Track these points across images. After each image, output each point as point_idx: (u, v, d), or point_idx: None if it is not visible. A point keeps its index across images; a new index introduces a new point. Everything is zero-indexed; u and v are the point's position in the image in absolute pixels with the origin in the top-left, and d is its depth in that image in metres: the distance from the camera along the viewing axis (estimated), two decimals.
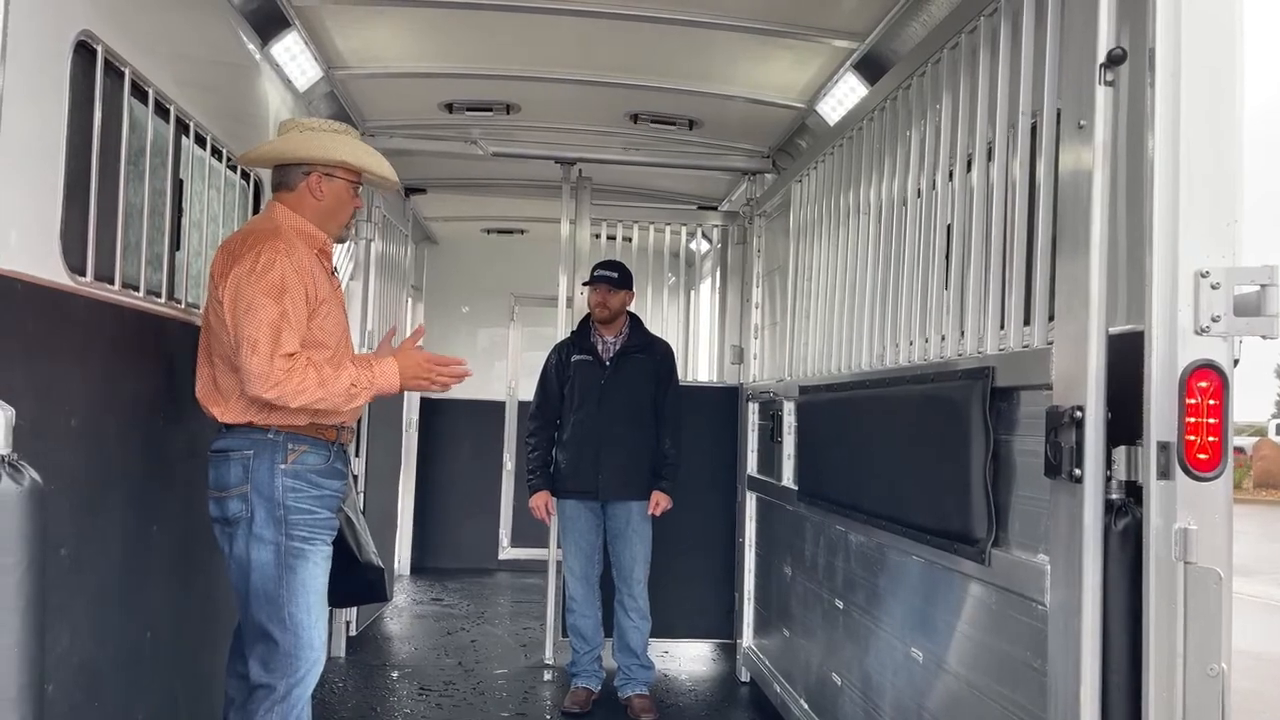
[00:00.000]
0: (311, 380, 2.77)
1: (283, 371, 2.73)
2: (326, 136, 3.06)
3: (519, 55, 4.54)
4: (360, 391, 2.87)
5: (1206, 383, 1.94)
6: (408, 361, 2.98)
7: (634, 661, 4.86)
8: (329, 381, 2.80)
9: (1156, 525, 1.95)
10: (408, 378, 2.98)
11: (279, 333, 2.76)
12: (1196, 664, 1.90)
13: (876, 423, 3.37)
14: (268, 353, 2.73)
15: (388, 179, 3.18)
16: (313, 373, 2.78)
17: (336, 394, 2.82)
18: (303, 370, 2.76)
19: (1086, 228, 2.10)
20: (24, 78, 2.23)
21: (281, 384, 2.74)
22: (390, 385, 2.95)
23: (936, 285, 3.07)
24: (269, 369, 2.72)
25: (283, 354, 2.75)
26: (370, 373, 2.90)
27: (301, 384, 2.75)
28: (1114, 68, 2.08)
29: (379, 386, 2.92)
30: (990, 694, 2.58)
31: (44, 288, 2.36)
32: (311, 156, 3.01)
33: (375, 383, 2.91)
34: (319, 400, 2.80)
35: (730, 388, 5.78)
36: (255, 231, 2.95)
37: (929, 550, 2.90)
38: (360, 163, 3.08)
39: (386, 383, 2.93)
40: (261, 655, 2.85)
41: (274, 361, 2.73)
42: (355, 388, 2.86)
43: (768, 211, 5.57)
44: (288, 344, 2.77)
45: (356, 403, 2.89)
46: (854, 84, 4.29)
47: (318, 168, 3.02)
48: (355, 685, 5.12)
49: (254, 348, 2.73)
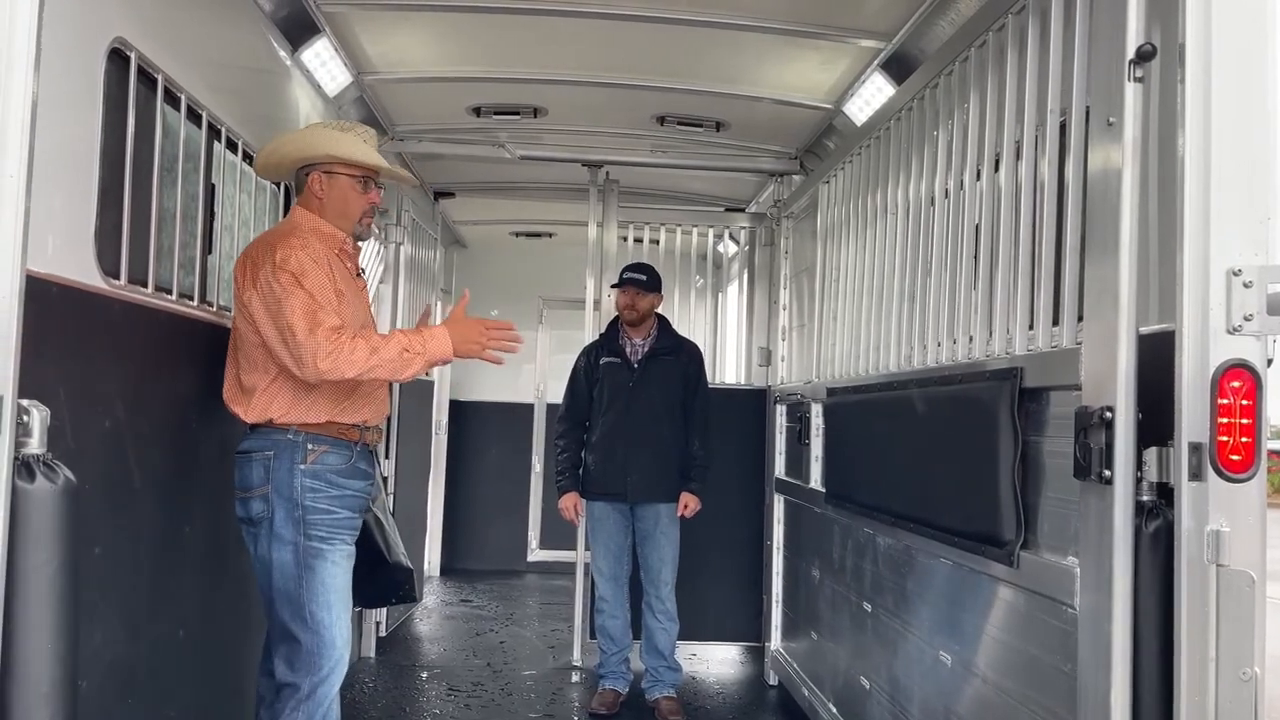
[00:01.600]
0: (362, 349, 2.74)
1: (330, 343, 2.72)
2: (309, 133, 3.06)
3: (545, 58, 4.56)
4: (414, 358, 2.81)
5: (1239, 383, 1.91)
6: (459, 328, 2.91)
7: (662, 664, 4.85)
8: (380, 348, 2.76)
9: (1188, 527, 1.92)
10: (459, 343, 2.90)
11: (314, 312, 2.76)
12: (1229, 668, 1.87)
13: (904, 424, 3.35)
14: (307, 329, 2.73)
15: (371, 163, 3.05)
16: (362, 341, 2.76)
17: (389, 359, 2.77)
18: (351, 340, 2.75)
19: (1116, 226, 2.08)
20: (58, 85, 2.27)
21: (333, 354, 2.72)
22: (443, 351, 2.86)
23: (965, 286, 3.05)
24: (314, 343, 2.72)
25: (325, 328, 2.74)
26: (421, 338, 2.85)
27: (353, 353, 2.73)
28: (1143, 64, 2.05)
29: (431, 352, 2.84)
30: (1019, 698, 2.55)
31: (79, 290, 2.40)
32: (299, 154, 3.04)
33: (428, 348, 2.84)
34: (373, 367, 2.75)
35: (758, 390, 5.76)
36: (273, 234, 3.00)
37: (957, 553, 2.88)
38: (341, 153, 3.00)
39: (438, 348, 2.85)
40: (286, 654, 2.88)
41: (317, 335, 2.73)
42: (408, 353, 2.80)
43: (795, 213, 5.55)
44: (326, 320, 2.76)
45: (411, 369, 2.82)
46: (881, 84, 4.27)
47: (315, 166, 3.04)
48: (385, 685, 5.15)
49: (293, 332, 2.75)
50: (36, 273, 2.12)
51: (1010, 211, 2.78)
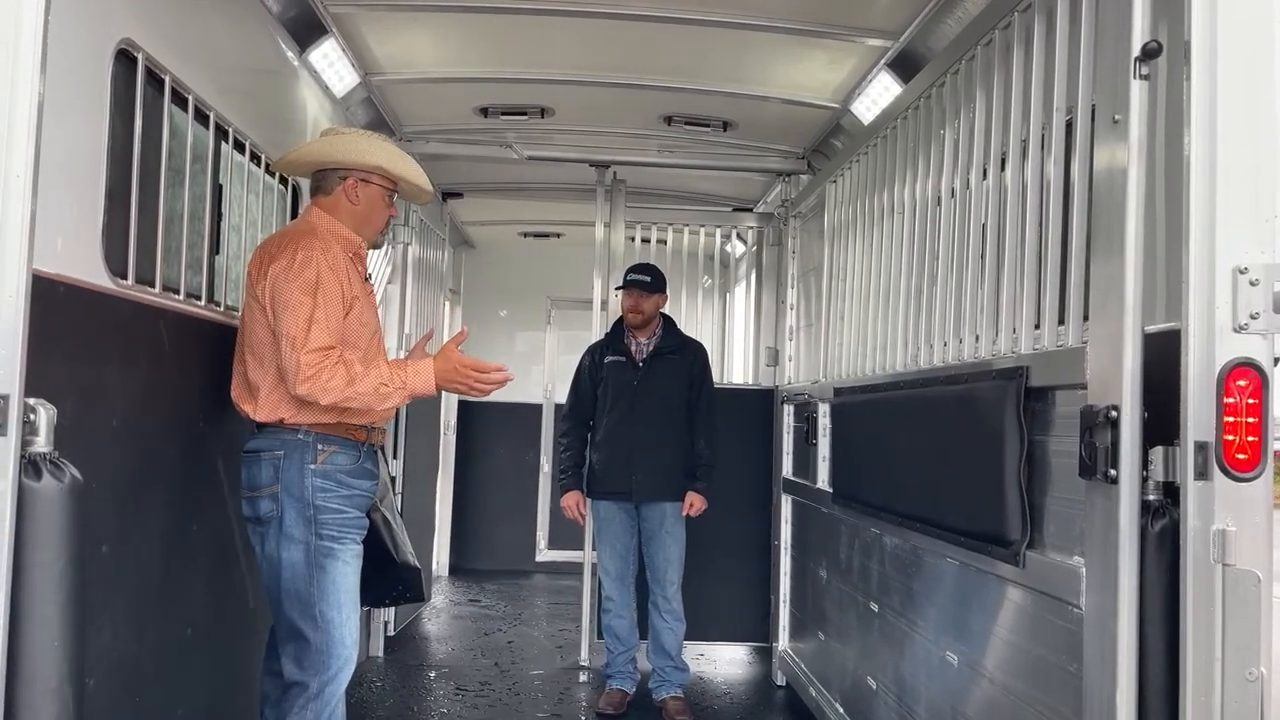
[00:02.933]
0: (340, 378, 2.77)
1: (311, 367, 2.75)
2: (364, 141, 3.10)
3: (553, 59, 4.56)
4: (392, 392, 2.84)
5: (1245, 381, 1.90)
6: (445, 365, 2.92)
7: (669, 664, 4.85)
8: (358, 380, 2.79)
9: (1194, 526, 1.91)
10: (444, 381, 2.92)
11: (313, 326, 2.79)
12: (1235, 668, 1.86)
13: (911, 424, 3.34)
14: (303, 343, 2.76)
15: (423, 188, 3.20)
16: (341, 370, 2.78)
17: (365, 393, 2.80)
18: (332, 367, 2.77)
19: (1122, 224, 2.07)
20: (66, 85, 2.28)
21: (310, 380, 2.75)
22: (425, 387, 2.89)
23: (971, 285, 3.04)
24: (300, 361, 2.75)
25: (313, 349, 2.76)
26: (404, 373, 2.87)
27: (329, 381, 2.76)
28: (1149, 61, 2.04)
29: (412, 388, 2.88)
30: (1025, 698, 2.54)
31: (86, 290, 2.41)
32: (348, 161, 3.05)
33: (409, 384, 2.87)
34: (347, 399, 2.79)
35: (765, 390, 5.76)
36: (292, 232, 3.00)
37: (963, 552, 2.87)
38: (396, 169, 3.10)
39: (421, 384, 2.88)
40: (294, 653, 2.89)
41: (308, 354, 2.75)
42: (386, 388, 2.83)
43: (803, 213, 5.54)
44: (317, 339, 2.78)
45: (388, 404, 2.86)
46: (888, 83, 4.26)
47: (354, 173, 3.06)
48: (393, 684, 5.16)
49: (291, 344, 2.78)
50: (44, 272, 2.14)
51: (1016, 210, 2.77)
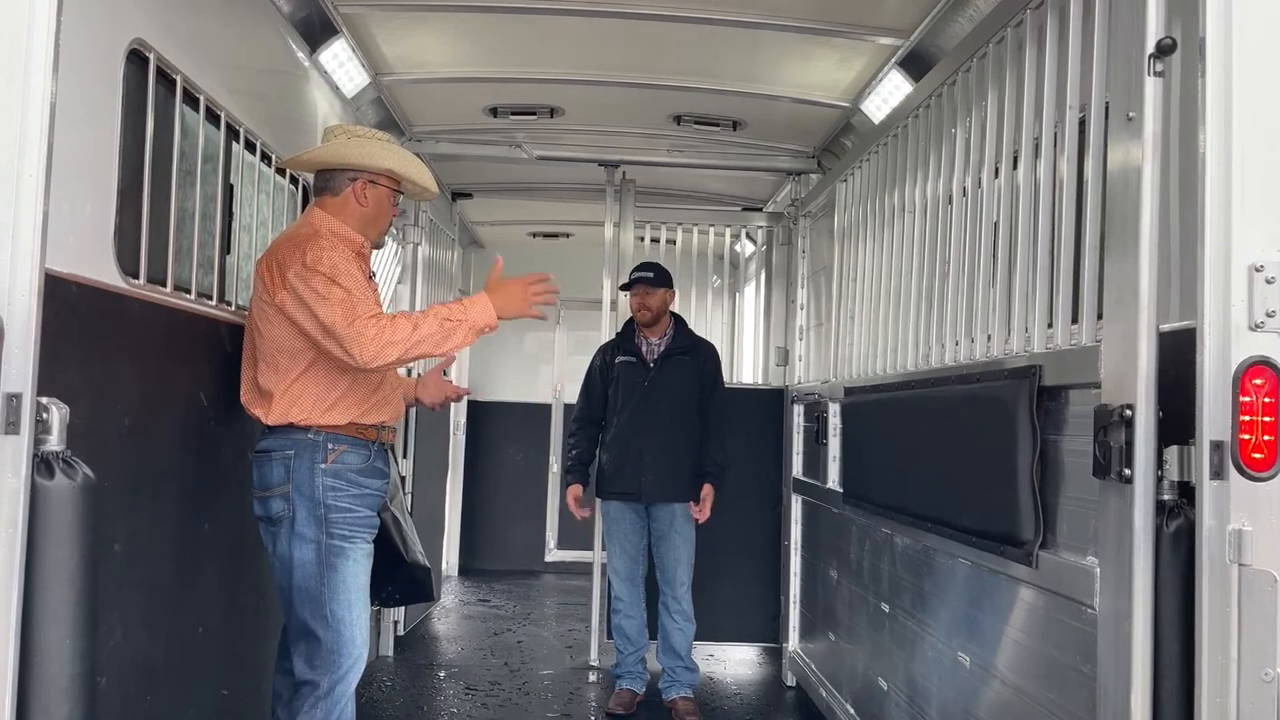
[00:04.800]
0: (403, 326, 2.77)
1: (373, 328, 2.75)
2: (374, 144, 3.11)
3: (562, 58, 4.56)
4: (456, 325, 2.83)
5: (1261, 380, 1.89)
6: (499, 291, 2.92)
7: (678, 664, 4.84)
8: (421, 323, 2.80)
9: (1209, 526, 1.89)
10: (502, 305, 2.91)
11: (352, 305, 2.79)
12: (1251, 669, 1.84)
13: (922, 423, 3.33)
14: (347, 322, 2.76)
15: (428, 189, 3.21)
16: (403, 319, 2.80)
17: (431, 333, 2.80)
18: (391, 321, 2.78)
19: (1136, 222, 2.05)
20: (78, 86, 2.28)
21: (375, 338, 2.74)
22: (486, 316, 2.88)
23: (983, 284, 3.03)
24: (356, 333, 2.75)
25: (364, 318, 2.77)
26: (461, 306, 2.87)
27: (394, 334, 2.76)
28: (1164, 58, 2.03)
29: (474, 319, 2.86)
30: (1038, 699, 2.53)
31: (98, 289, 2.42)
32: (359, 163, 3.06)
33: (470, 314, 2.86)
34: (417, 342, 2.78)
35: (775, 390, 5.74)
36: (295, 236, 2.99)
37: (975, 553, 2.86)
38: (405, 171, 3.11)
39: (481, 314, 2.87)
40: (305, 652, 2.90)
41: (357, 325, 2.75)
42: (450, 322, 2.83)
43: (813, 212, 5.53)
44: (363, 310, 2.79)
45: (455, 337, 2.84)
46: (899, 81, 4.25)
47: (363, 174, 3.07)
48: (402, 684, 5.17)
49: (333, 328, 2.77)
50: (56, 272, 2.14)
51: (1029, 209, 2.76)
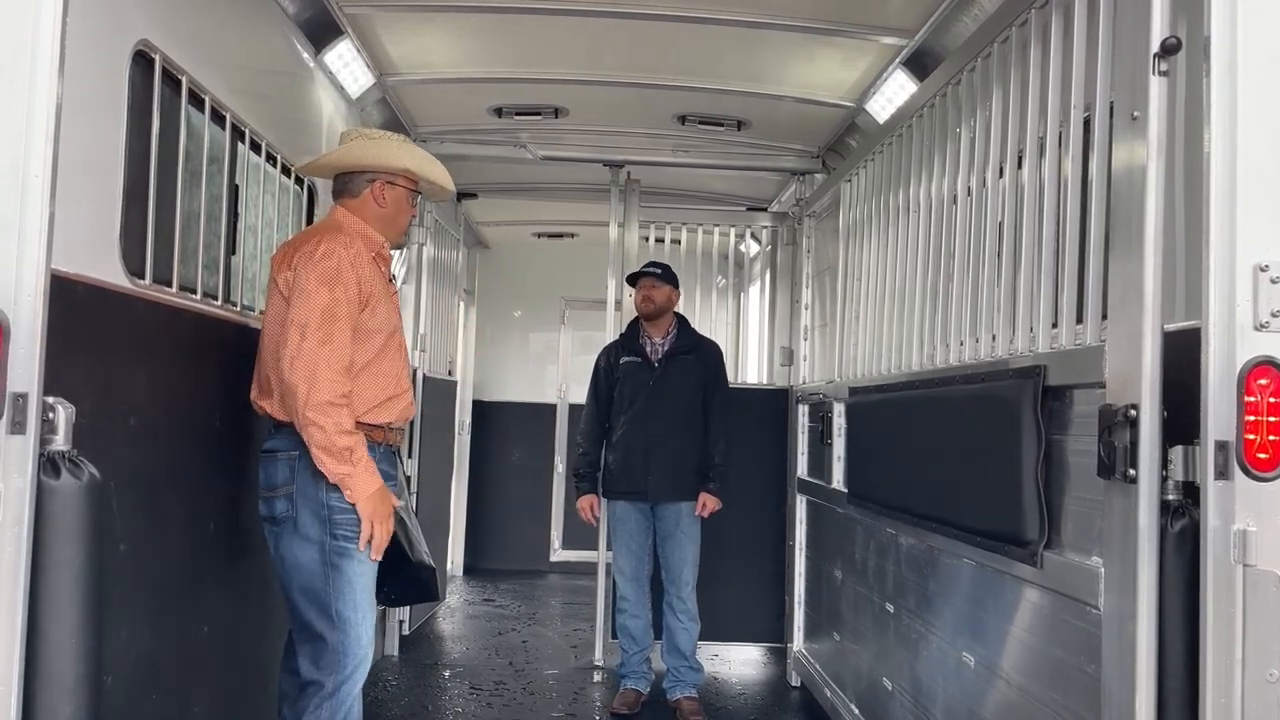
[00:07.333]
0: (339, 408, 2.77)
1: (326, 367, 2.76)
2: (390, 144, 3.14)
3: (567, 58, 4.56)
4: (347, 458, 2.78)
5: (1266, 380, 1.88)
6: (383, 498, 2.88)
7: (683, 664, 4.84)
8: (344, 425, 2.77)
9: (1214, 527, 1.89)
10: (372, 502, 2.85)
11: (332, 321, 2.80)
12: (1255, 669, 1.84)
13: (927, 423, 3.33)
14: (315, 339, 2.77)
15: (446, 188, 3.26)
16: (344, 403, 2.78)
17: (338, 437, 2.77)
18: (333, 382, 2.77)
19: (1140, 222, 2.05)
20: (84, 86, 2.29)
21: (315, 374, 2.74)
22: (365, 487, 2.83)
23: (988, 284, 3.02)
24: (305, 352, 2.75)
25: (332, 353, 2.78)
26: (365, 465, 2.82)
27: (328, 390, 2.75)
28: (1168, 58, 2.02)
29: (359, 477, 2.81)
30: (1043, 699, 2.52)
31: (104, 290, 2.43)
32: (377, 164, 3.09)
33: (357, 471, 2.80)
34: (322, 425, 2.75)
35: (780, 390, 5.74)
36: (318, 228, 3.06)
37: (980, 553, 2.85)
38: (423, 171, 3.15)
39: (363, 482, 2.83)
40: (311, 653, 2.90)
41: (322, 349, 2.76)
42: (351, 452, 2.79)
43: (817, 212, 5.52)
44: (339, 335, 2.80)
45: (334, 465, 2.79)
46: (903, 81, 4.24)
47: (381, 175, 3.09)
48: (408, 683, 5.18)
49: (302, 331, 2.78)
50: (62, 272, 2.15)
51: (1034, 208, 2.75)
